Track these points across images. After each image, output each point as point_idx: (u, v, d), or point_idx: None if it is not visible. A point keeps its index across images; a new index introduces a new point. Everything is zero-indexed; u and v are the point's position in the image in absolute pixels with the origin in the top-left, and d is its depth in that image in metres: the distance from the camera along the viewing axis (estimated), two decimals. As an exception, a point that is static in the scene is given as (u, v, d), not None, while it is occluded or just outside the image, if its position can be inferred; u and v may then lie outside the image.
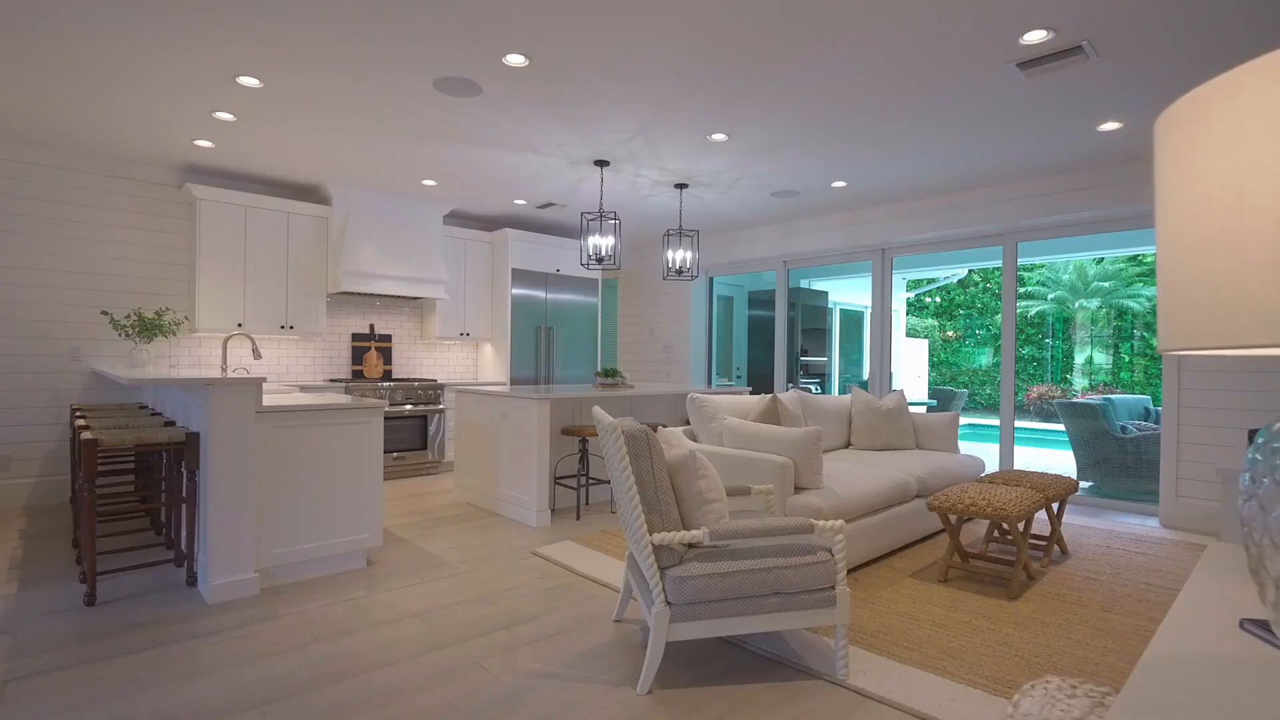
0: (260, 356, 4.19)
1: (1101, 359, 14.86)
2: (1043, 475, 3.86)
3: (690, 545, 2.33)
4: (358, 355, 6.38)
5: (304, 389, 5.41)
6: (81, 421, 3.47)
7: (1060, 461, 8.49)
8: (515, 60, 3.28)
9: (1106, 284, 14.36)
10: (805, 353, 9.28)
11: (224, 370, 4.01)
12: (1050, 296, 15.20)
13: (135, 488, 4.56)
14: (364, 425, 3.42)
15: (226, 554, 2.96)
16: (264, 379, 3.05)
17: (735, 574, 2.21)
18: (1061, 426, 11.61)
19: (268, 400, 3.36)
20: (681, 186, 5.62)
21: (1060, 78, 3.42)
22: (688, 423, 5.70)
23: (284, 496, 3.17)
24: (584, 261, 5.11)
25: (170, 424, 3.55)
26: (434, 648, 2.54)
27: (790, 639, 2.61)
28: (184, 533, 3.42)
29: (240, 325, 5.38)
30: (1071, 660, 2.46)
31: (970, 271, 15.41)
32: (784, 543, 2.35)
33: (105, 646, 2.49)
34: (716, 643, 2.59)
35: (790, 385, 7.47)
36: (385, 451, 5.94)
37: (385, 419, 5.93)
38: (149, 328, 4.85)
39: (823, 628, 2.70)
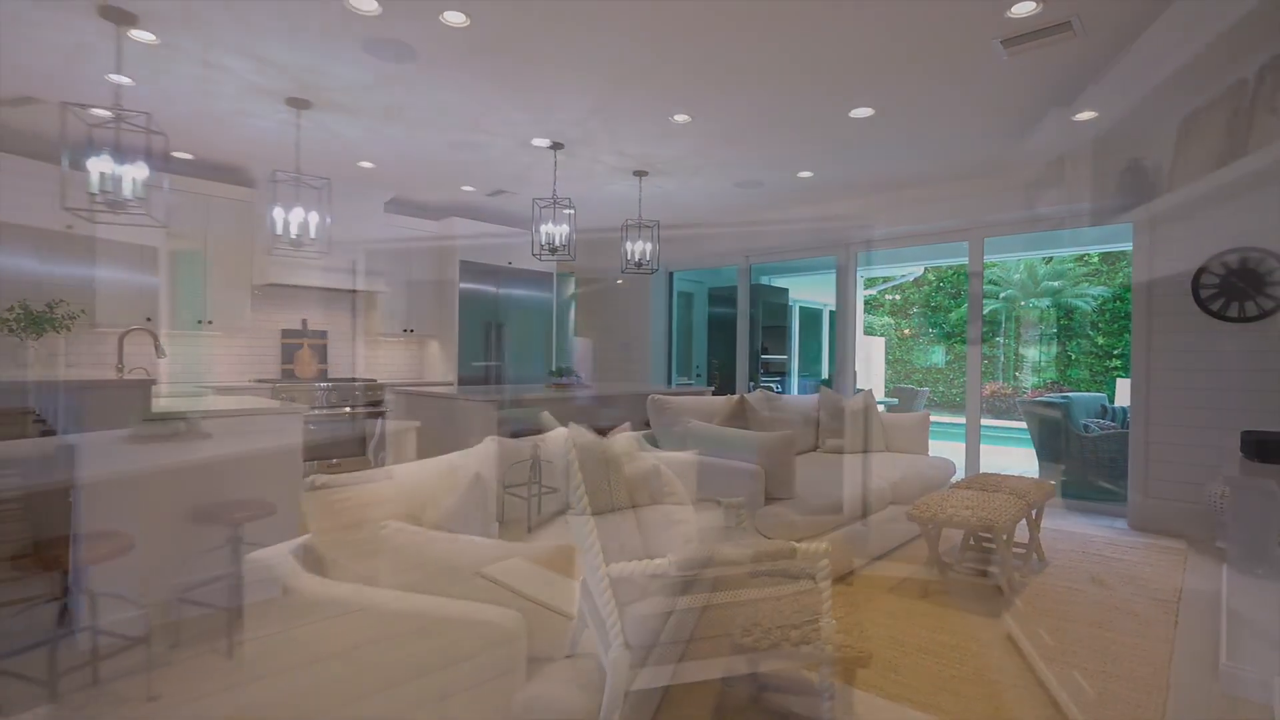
0: (164, 354, 3.68)
1: (1050, 357, 15.18)
2: (1020, 480, 3.68)
3: (654, 576, 2.00)
4: (288, 353, 5.85)
5: (223, 391, 4.88)
6: (-66, 432, 2.94)
7: (1017, 459, 8.47)
8: (454, 19, 2.89)
9: (1056, 283, 14.66)
10: (766, 350, 9.08)
11: (119, 370, 3.50)
12: (1002, 295, 15.46)
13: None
14: (279, 432, 2.99)
15: (104, 587, 2.50)
16: (154, 381, 2.60)
17: (707, 609, 1.90)
18: (1013, 423, 11.75)
19: (165, 405, 2.90)
20: (641, 174, 5.30)
21: (1042, 58, 3.22)
22: (648, 425, 5.39)
23: (180, 517, 2.72)
24: (536, 251, 4.75)
25: (49, 434, 3.04)
26: (353, 698, 2.14)
27: (768, 676, 2.31)
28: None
29: (149, 320, 4.82)
30: (1074, 689, 2.23)
31: (925, 270, 15.55)
32: (761, 570, 2.05)
33: (-64, 712, 2.03)
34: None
35: (754, 385, 7.24)
36: (319, 459, 5.43)
37: (320, 423, 5.43)
38: (38, 322, 4.25)
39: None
